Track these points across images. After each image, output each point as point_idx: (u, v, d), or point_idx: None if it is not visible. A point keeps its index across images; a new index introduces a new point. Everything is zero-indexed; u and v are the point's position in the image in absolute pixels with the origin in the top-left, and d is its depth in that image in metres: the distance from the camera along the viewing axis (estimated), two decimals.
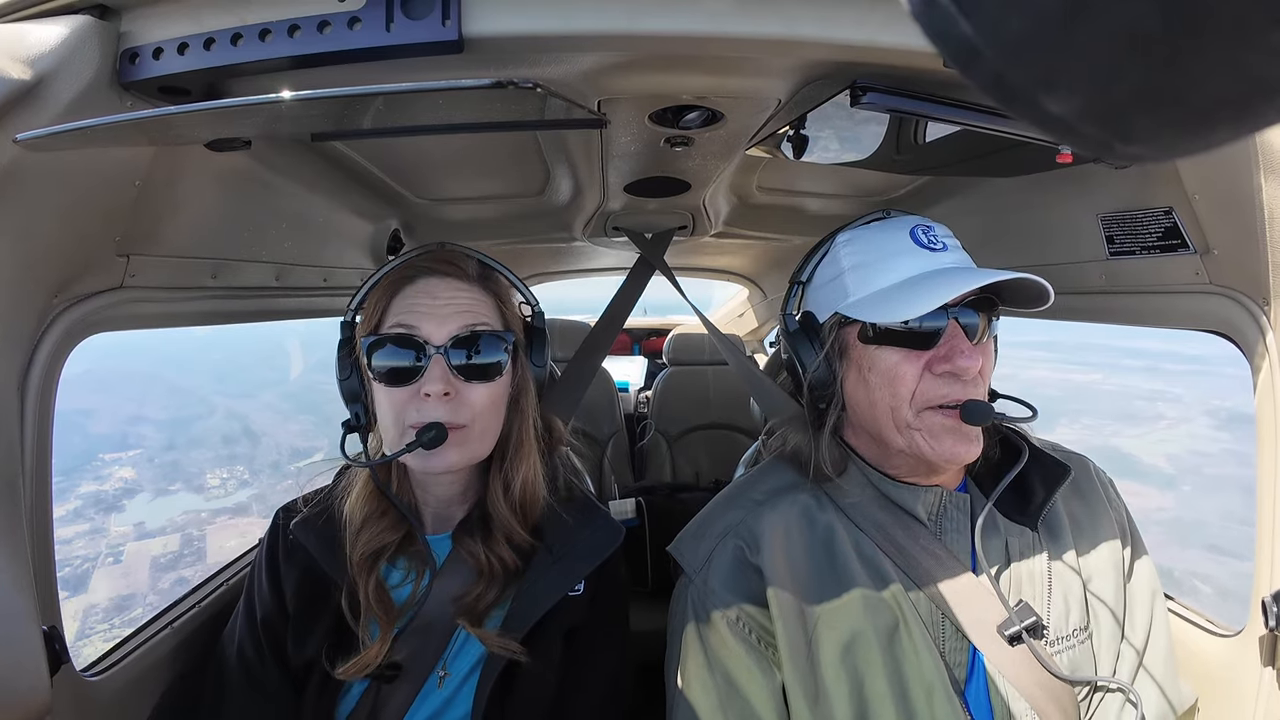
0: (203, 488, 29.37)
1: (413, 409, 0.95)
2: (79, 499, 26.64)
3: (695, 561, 1.01)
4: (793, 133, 1.05)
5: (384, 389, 0.96)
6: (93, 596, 20.08)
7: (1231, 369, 1.05)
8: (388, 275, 1.01)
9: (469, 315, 0.98)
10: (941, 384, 0.91)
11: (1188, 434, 40.22)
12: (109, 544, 22.92)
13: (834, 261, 1.00)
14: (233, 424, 39.51)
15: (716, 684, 0.93)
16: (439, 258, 1.03)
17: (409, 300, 0.98)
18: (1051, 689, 0.90)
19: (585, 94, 0.89)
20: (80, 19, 0.71)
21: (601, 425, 3.16)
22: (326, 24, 0.70)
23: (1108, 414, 44.23)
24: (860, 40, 0.74)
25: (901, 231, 0.96)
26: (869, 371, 0.95)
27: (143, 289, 0.98)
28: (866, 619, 0.91)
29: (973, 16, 0.19)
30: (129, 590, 20.27)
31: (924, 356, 0.92)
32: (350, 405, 1.03)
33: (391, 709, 0.99)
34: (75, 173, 0.78)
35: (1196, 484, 28.59)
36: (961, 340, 0.91)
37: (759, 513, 1.01)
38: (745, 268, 3.45)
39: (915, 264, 0.93)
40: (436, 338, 0.96)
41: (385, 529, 1.02)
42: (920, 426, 0.92)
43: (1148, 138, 0.21)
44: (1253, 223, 0.90)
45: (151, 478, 30.27)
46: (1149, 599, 0.99)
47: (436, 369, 0.95)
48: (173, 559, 21.85)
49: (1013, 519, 0.98)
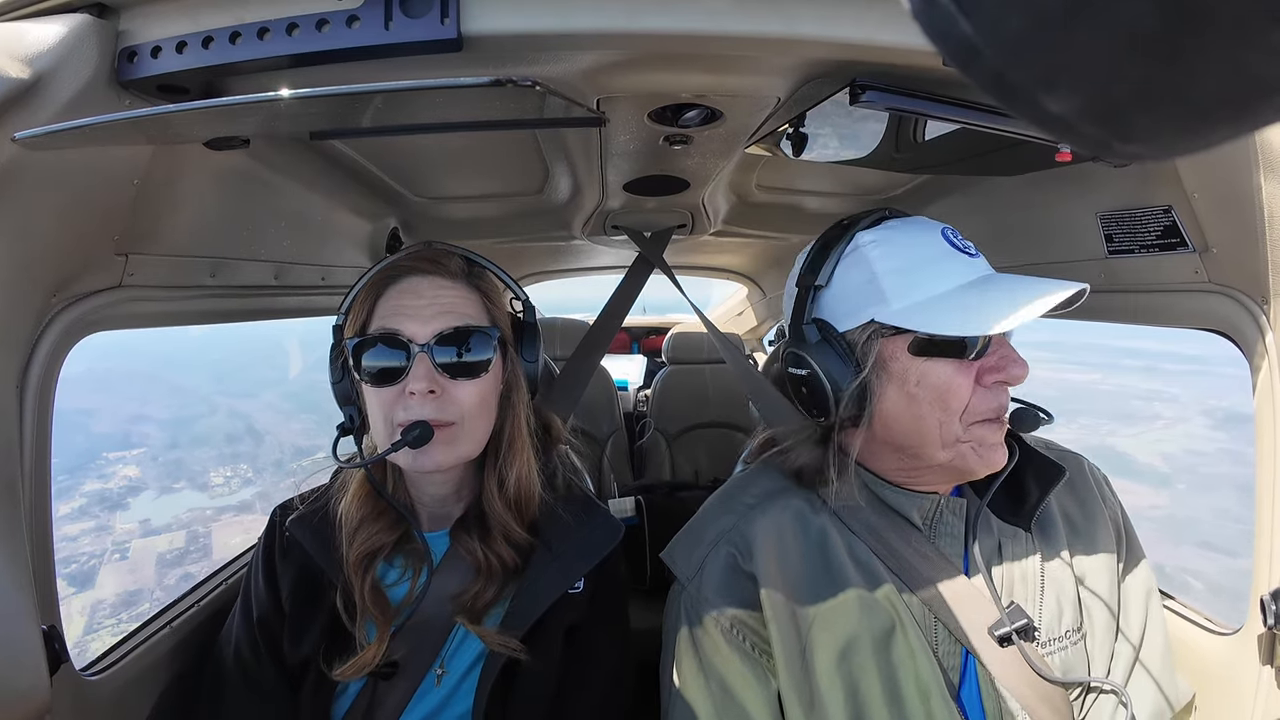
0: (207, 485, 29.64)
1: (400, 408, 0.95)
2: (84, 497, 26.88)
3: (688, 569, 1.00)
4: (792, 131, 1.05)
5: (372, 390, 0.97)
6: (100, 592, 20.22)
7: (1229, 369, 1.05)
8: (373, 277, 1.01)
9: (453, 313, 0.98)
10: (992, 396, 0.89)
11: (1184, 433, 40.43)
12: (114, 541, 23.14)
13: (861, 264, 0.92)
14: (235, 423, 39.72)
15: (711, 692, 0.93)
16: (422, 256, 1.02)
17: (393, 301, 0.98)
18: (1043, 690, 0.90)
19: (584, 92, 0.88)
20: (78, 17, 0.71)
21: (601, 424, 3.16)
22: (325, 22, 0.70)
23: (1104, 413, 44.44)
24: (860, 38, 0.74)
25: (933, 233, 0.93)
26: (916, 386, 0.89)
27: (141, 288, 0.98)
28: (861, 623, 0.90)
29: (972, 15, 0.19)
30: (136, 586, 20.44)
31: (974, 368, 0.88)
32: (344, 408, 1.04)
33: (388, 707, 1.00)
34: (74, 172, 0.77)
35: (1191, 482, 28.77)
36: (1009, 347, 0.89)
37: (751, 517, 0.99)
38: (744, 266, 3.45)
39: (959, 269, 0.89)
40: (420, 336, 0.95)
41: (381, 529, 1.02)
42: (970, 439, 0.89)
43: (1147, 136, 0.21)
44: (1252, 221, 0.90)
45: (156, 476, 30.57)
46: (1144, 597, 0.99)
47: (421, 367, 0.95)
48: (179, 555, 22.08)
49: (1006, 520, 0.98)
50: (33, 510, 0.83)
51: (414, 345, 0.95)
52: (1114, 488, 1.08)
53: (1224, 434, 36.48)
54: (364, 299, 1.00)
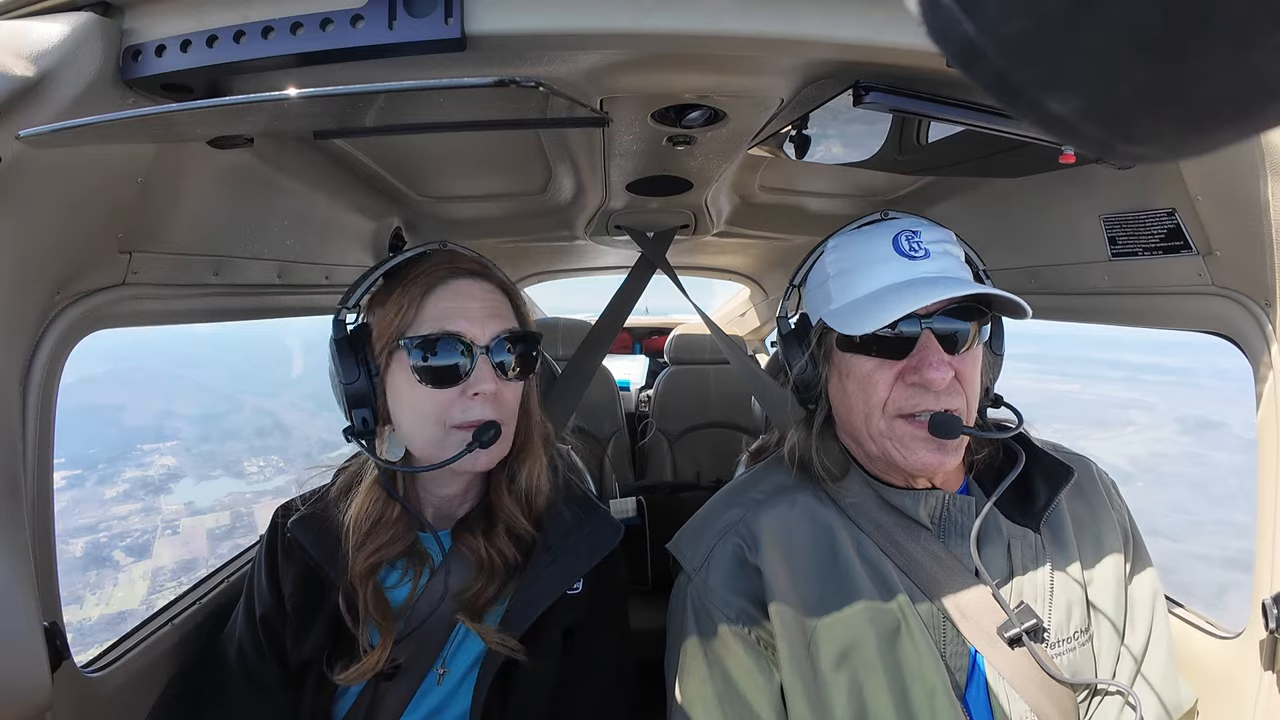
0: (243, 473, 31.68)
1: (458, 409, 0.96)
2: (126, 483, 28.81)
3: (695, 560, 1.01)
4: (795, 132, 1.05)
5: (426, 390, 0.95)
6: (158, 561, 22.15)
7: (1209, 380, 1.06)
8: (414, 277, 0.99)
9: (500, 317, 1.01)
10: (912, 394, 0.92)
11: (1153, 438, 41.18)
12: (164, 519, 25.21)
13: (821, 267, 1.01)
14: (263, 419, 41.53)
15: (715, 683, 0.93)
16: (467, 260, 1.03)
17: (445, 302, 0.98)
18: (1051, 691, 0.90)
19: (588, 92, 0.88)
20: (83, 16, 0.71)
21: (603, 424, 3.16)
22: (329, 22, 0.70)
23: (1080, 420, 45.16)
24: (863, 40, 0.74)
25: (884, 239, 0.95)
26: (846, 378, 0.97)
27: (145, 285, 0.98)
28: (868, 621, 0.90)
29: (975, 16, 0.19)
30: (190, 556, 22.35)
31: (897, 366, 0.92)
32: (357, 409, 0.98)
33: (390, 706, 1.00)
34: (78, 170, 0.78)
35: (1149, 480, 29.48)
36: (932, 351, 0.90)
37: (759, 511, 1.01)
38: (747, 267, 3.45)
39: (891, 273, 0.93)
40: (480, 338, 0.97)
41: (391, 539, 1.01)
42: (891, 435, 0.93)
43: (1150, 138, 0.21)
44: (1256, 224, 0.90)
45: (192, 465, 32.43)
46: (1150, 601, 0.99)
47: (485, 369, 0.97)
48: (227, 530, 24.15)
49: (1015, 521, 0.98)
50: (35, 507, 0.83)
51: (476, 347, 0.96)
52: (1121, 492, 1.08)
53: (1190, 439, 37.26)
54: (409, 299, 0.97)
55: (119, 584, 20.69)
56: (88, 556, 21.49)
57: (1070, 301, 1.34)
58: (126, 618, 16.08)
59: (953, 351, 0.91)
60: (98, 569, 21.17)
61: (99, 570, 21.17)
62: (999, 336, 1.03)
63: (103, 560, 21.67)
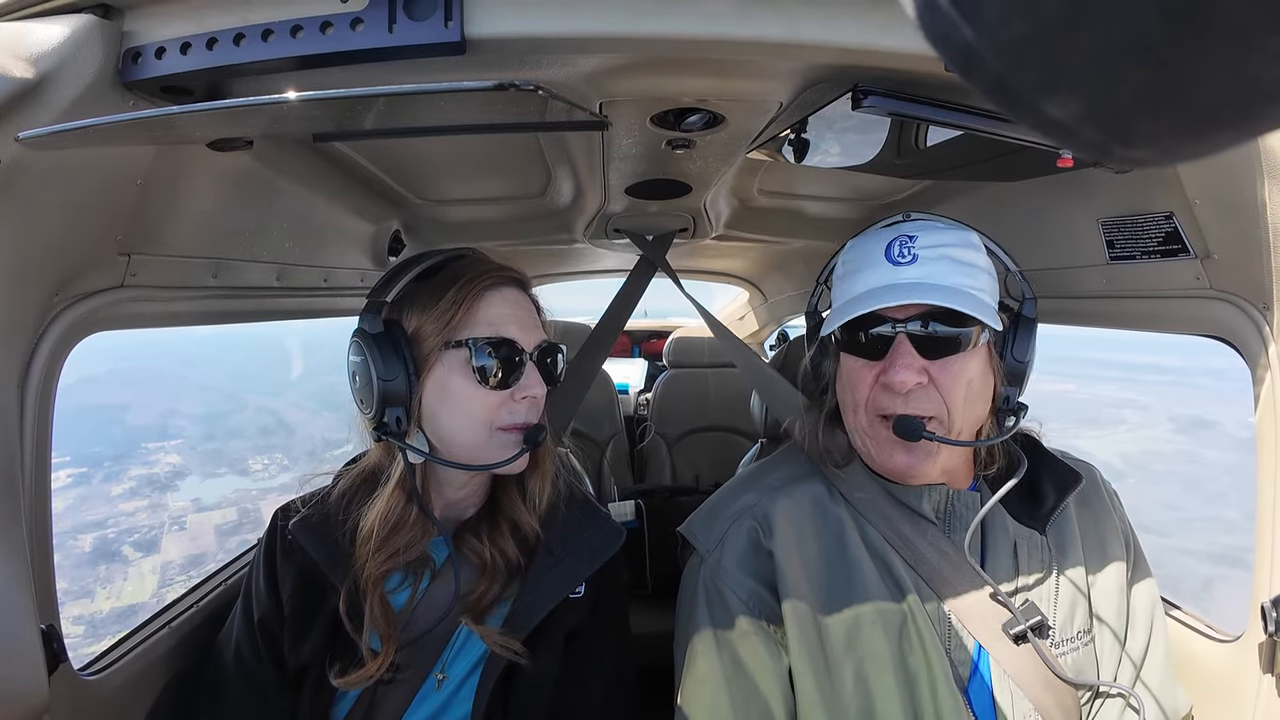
0: (248, 471, 31.88)
1: (505, 412, 0.99)
2: (132, 480, 28.93)
3: (708, 541, 1.02)
4: (794, 136, 1.06)
5: (482, 391, 0.97)
6: (166, 556, 22.35)
7: (1205, 380, 1.06)
8: (466, 280, 0.99)
9: (540, 327, 1.06)
10: (885, 395, 0.94)
11: (1146, 437, 41.32)
12: (171, 515, 25.40)
13: (836, 266, 1.06)
14: (266, 418, 41.78)
15: (724, 663, 0.94)
16: (511, 269, 1.06)
17: (495, 308, 1.00)
18: (1055, 689, 0.90)
19: (587, 96, 0.89)
20: (83, 18, 0.71)
21: (601, 427, 3.16)
22: (329, 25, 0.70)
23: (1074, 419, 45.49)
24: (861, 44, 0.74)
25: (881, 243, 0.97)
26: (841, 375, 1.02)
27: (144, 288, 0.98)
28: (874, 612, 0.91)
29: (973, 20, 0.19)
30: (199, 550, 22.50)
31: (876, 367, 0.95)
32: (390, 408, 0.95)
33: (388, 710, 0.99)
34: (77, 172, 0.78)
35: (1142, 478, 29.53)
36: (901, 355, 0.92)
37: (774, 498, 1.02)
38: (746, 270, 3.45)
39: (875, 278, 0.95)
40: (528, 345, 1.01)
41: (406, 545, 1.00)
42: (872, 434, 0.97)
43: (1148, 142, 0.21)
44: (1254, 228, 0.90)
45: (198, 463, 32.58)
46: (1149, 609, 1.00)
47: (534, 374, 1.01)
48: (234, 526, 24.31)
49: (1022, 522, 0.99)
50: (33, 509, 0.83)
51: (526, 353, 1.00)
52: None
53: (1184, 438, 37.39)
54: (462, 300, 0.97)
55: (129, 578, 20.71)
56: (97, 552, 21.52)
57: (1068, 305, 1.35)
58: (137, 611, 15.85)
59: (932, 356, 0.92)
60: (107, 564, 21.18)
61: (108, 565, 21.18)
62: (1023, 344, 0.99)
63: (112, 555, 21.69)
